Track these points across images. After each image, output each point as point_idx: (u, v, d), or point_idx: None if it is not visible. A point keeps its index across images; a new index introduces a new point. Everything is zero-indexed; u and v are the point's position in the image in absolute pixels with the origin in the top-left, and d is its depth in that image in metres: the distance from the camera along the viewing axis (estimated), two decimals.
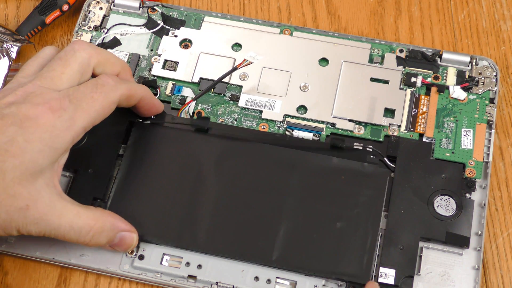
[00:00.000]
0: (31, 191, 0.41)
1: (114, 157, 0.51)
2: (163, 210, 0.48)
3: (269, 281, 0.47)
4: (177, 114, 0.52)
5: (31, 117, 0.41)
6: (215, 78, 0.54)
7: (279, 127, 0.52)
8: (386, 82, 0.53)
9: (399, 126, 0.52)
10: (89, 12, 0.57)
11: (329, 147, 0.50)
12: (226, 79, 0.54)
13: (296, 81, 0.54)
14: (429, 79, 0.53)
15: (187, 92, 0.54)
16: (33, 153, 0.41)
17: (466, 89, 0.53)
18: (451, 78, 0.53)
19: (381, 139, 0.51)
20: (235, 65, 0.54)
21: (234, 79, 0.54)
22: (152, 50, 0.56)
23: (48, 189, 0.42)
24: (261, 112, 0.53)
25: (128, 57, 0.55)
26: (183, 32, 0.56)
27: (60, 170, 0.45)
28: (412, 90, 0.53)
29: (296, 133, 0.52)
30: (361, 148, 0.51)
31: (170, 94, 0.54)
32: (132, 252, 0.48)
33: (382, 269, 0.46)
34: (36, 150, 0.41)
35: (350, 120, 0.52)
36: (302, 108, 0.53)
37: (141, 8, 0.57)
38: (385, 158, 0.50)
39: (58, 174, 0.44)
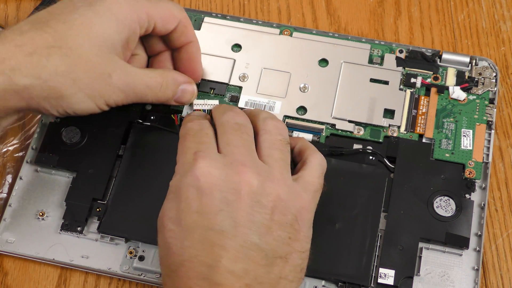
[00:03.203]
0: (109, 62, 0.44)
1: (113, 158, 0.51)
2: None
3: None
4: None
5: None
6: (215, 79, 0.54)
7: None
8: (386, 82, 0.53)
9: (399, 127, 0.52)
10: None
11: (327, 151, 0.51)
12: (226, 80, 0.54)
13: (296, 82, 0.54)
14: (428, 80, 0.53)
15: None
16: (104, 24, 0.43)
17: (466, 90, 0.53)
18: (450, 79, 0.53)
19: (380, 140, 0.51)
20: (233, 66, 0.54)
21: (234, 80, 0.54)
22: None
23: (122, 61, 0.45)
24: None
25: None
26: None
27: (129, 53, 0.47)
28: (411, 90, 0.53)
29: (295, 134, 0.52)
30: (360, 149, 0.51)
31: None
32: (131, 252, 0.48)
33: (381, 270, 0.47)
34: (106, 21, 0.43)
35: (350, 121, 0.52)
36: (302, 109, 0.53)
37: None
38: (384, 159, 0.50)
39: (127, 55, 0.47)
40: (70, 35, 0.42)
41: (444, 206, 0.48)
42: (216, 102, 0.51)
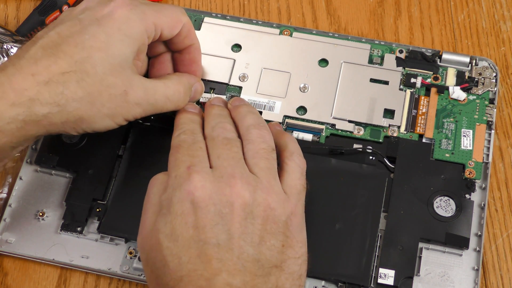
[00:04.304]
0: (124, 79, 0.44)
1: (113, 158, 0.51)
2: None
3: None
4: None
5: (106, 14, 0.44)
6: (215, 79, 0.54)
7: None
8: (386, 82, 0.53)
9: (399, 127, 0.52)
10: None
11: (328, 151, 0.51)
12: (226, 80, 0.54)
13: (296, 82, 0.54)
14: (428, 80, 0.53)
15: None
16: (115, 43, 0.43)
17: (466, 90, 0.53)
18: (450, 79, 0.53)
19: (380, 140, 0.51)
20: (233, 66, 0.54)
21: (234, 80, 0.54)
22: None
23: (137, 75, 0.45)
24: (261, 113, 0.53)
25: None
26: None
27: (140, 63, 0.48)
28: (411, 90, 0.53)
29: (295, 134, 0.52)
30: (360, 149, 0.51)
31: None
32: (131, 253, 0.48)
33: (381, 270, 0.47)
34: (117, 40, 0.43)
35: (350, 121, 0.52)
36: (302, 109, 0.53)
37: None
38: (385, 159, 0.50)
39: (138, 67, 0.47)
40: (84, 58, 0.42)
41: (444, 206, 0.48)
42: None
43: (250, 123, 0.45)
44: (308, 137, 0.51)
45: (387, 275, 0.46)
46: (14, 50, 0.54)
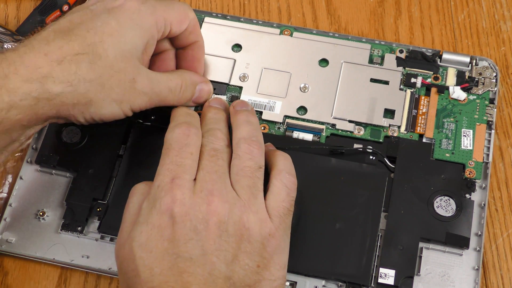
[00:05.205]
0: (133, 67, 0.44)
1: (114, 158, 0.51)
2: None
3: None
4: None
5: (117, 5, 0.45)
6: (215, 79, 0.54)
7: (279, 128, 0.52)
8: (386, 82, 0.53)
9: (399, 127, 0.52)
10: None
11: (328, 151, 0.51)
12: (226, 80, 0.54)
13: (296, 82, 0.54)
14: (429, 80, 0.53)
15: None
16: (126, 31, 0.44)
17: (466, 90, 0.53)
18: (451, 79, 0.54)
19: (381, 140, 0.51)
20: (234, 66, 0.54)
21: (234, 80, 0.54)
22: None
23: (143, 67, 0.46)
24: (261, 113, 0.53)
25: None
26: None
27: (147, 58, 0.48)
28: (412, 90, 0.53)
29: (296, 134, 0.52)
30: (361, 149, 0.51)
31: None
32: None
33: (382, 270, 0.47)
34: (128, 28, 0.44)
35: (350, 121, 0.52)
36: (302, 109, 0.53)
37: None
38: (385, 159, 0.50)
39: (145, 61, 0.47)
40: (96, 42, 0.42)
41: (444, 206, 0.48)
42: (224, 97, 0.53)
43: (242, 136, 0.44)
44: (309, 137, 0.51)
45: (388, 275, 0.46)
46: None
